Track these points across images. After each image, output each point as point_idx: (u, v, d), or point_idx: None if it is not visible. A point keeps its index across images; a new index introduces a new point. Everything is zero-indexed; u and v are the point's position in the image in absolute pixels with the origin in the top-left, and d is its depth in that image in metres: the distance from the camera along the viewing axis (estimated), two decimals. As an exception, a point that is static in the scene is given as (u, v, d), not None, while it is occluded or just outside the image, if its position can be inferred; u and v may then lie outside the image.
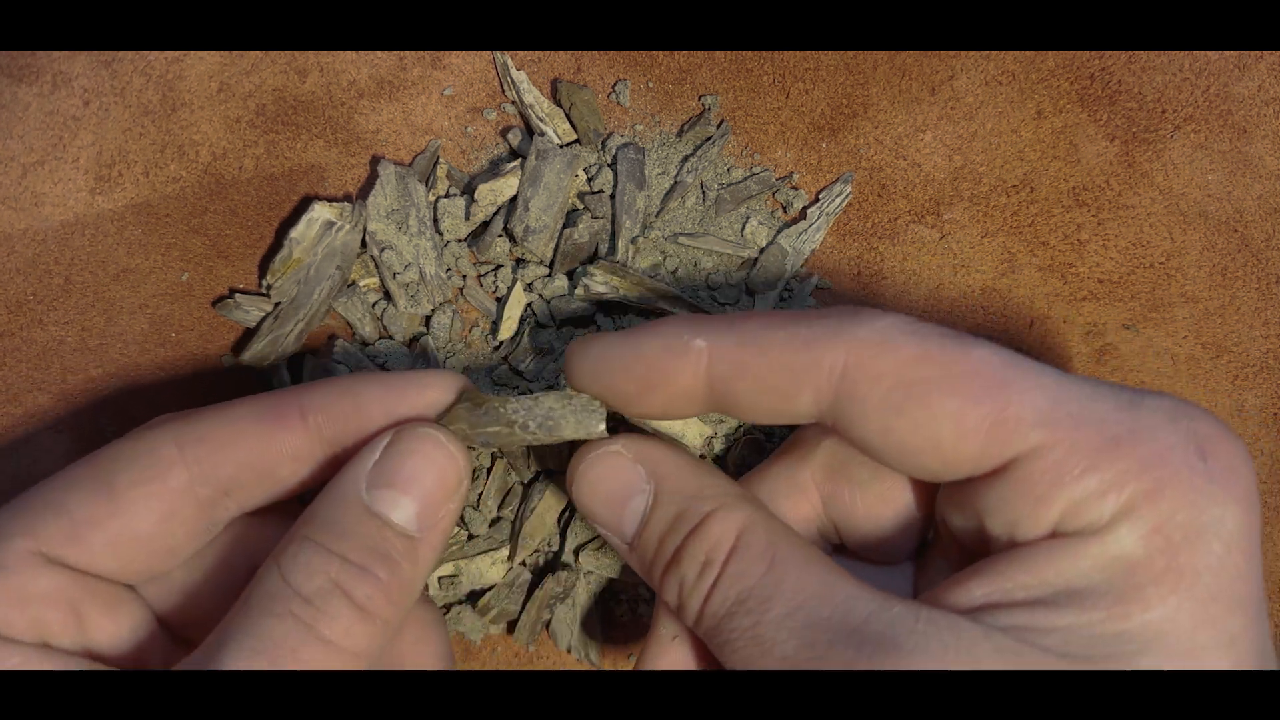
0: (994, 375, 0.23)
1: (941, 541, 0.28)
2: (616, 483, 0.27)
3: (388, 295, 0.34)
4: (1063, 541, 0.23)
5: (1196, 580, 0.22)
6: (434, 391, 0.28)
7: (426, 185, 0.35)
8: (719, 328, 0.26)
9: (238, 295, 0.34)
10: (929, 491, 0.28)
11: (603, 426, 0.27)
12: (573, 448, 0.29)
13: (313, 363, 0.34)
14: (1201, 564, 0.22)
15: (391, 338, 0.34)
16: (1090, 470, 0.23)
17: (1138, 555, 0.22)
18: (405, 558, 0.26)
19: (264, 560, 0.26)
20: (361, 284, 0.35)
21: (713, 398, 0.26)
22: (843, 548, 0.30)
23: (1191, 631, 0.22)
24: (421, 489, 0.26)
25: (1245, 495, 0.23)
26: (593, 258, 0.35)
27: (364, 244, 0.34)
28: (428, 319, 0.35)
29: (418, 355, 0.34)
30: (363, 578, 0.25)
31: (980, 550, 0.25)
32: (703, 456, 0.34)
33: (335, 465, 0.28)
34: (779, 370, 0.25)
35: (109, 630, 0.27)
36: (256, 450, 0.27)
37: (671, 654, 0.28)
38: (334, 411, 0.27)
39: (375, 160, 0.35)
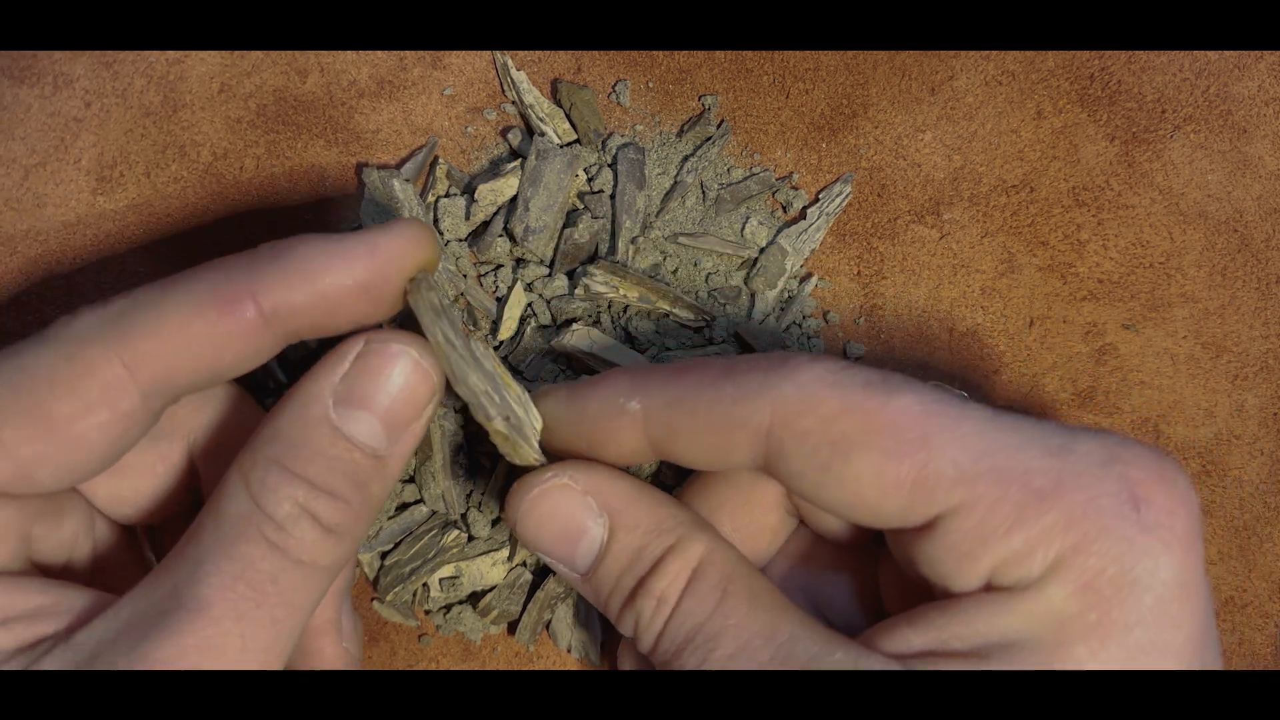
0: (913, 429, 0.23)
1: None
2: (567, 518, 0.26)
3: None
4: (994, 596, 0.23)
5: (1128, 634, 0.22)
6: (392, 261, 0.25)
7: (425, 183, 0.35)
8: (653, 387, 0.26)
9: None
10: None
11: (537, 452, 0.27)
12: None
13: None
14: (1133, 618, 0.22)
15: None
16: (1016, 528, 0.22)
17: (1068, 611, 0.22)
18: (373, 478, 0.25)
19: (206, 442, 0.27)
20: None
21: (657, 452, 0.26)
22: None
23: None
24: (392, 407, 0.25)
25: (1182, 540, 0.22)
26: (593, 258, 0.35)
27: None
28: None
29: None
30: (331, 502, 0.24)
31: (921, 582, 0.25)
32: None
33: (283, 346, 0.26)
34: (710, 431, 0.25)
35: (54, 539, 0.26)
36: (207, 349, 0.25)
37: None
38: (290, 296, 0.25)
39: (359, 168, 0.35)
